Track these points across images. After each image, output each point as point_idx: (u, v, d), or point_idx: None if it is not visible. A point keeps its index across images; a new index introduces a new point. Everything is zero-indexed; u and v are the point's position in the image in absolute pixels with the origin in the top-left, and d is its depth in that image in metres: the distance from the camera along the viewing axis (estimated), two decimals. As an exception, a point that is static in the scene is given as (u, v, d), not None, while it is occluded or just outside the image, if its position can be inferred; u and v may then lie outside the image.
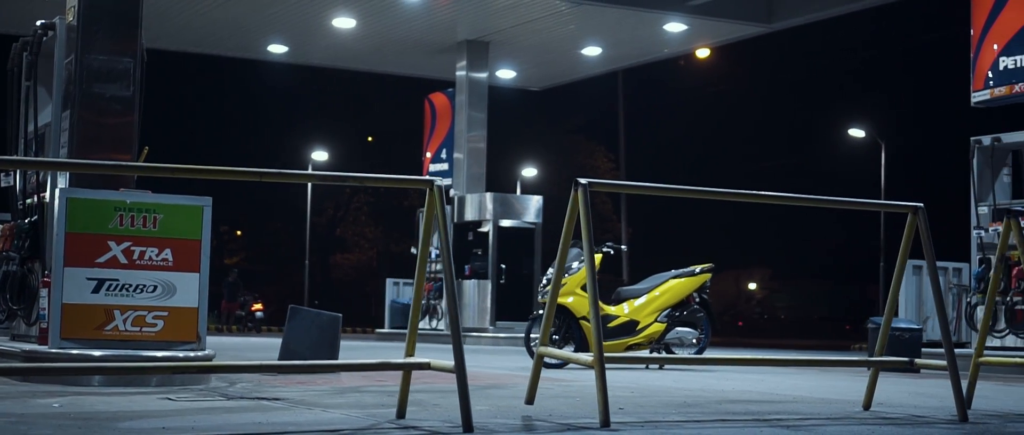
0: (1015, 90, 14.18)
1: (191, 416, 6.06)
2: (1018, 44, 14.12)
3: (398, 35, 23.61)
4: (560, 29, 22.93)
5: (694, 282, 12.07)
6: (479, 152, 23.95)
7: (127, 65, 9.16)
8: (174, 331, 8.37)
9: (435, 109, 25.19)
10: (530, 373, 6.68)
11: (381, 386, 8.34)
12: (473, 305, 22.58)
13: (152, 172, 5.55)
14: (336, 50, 24.99)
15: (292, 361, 7.86)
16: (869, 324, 13.49)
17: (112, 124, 9.08)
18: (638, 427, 5.79)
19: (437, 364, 5.85)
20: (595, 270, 6.01)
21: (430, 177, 5.84)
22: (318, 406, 6.66)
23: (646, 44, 24.05)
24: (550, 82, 27.91)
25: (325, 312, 10.23)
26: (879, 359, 7.10)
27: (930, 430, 5.94)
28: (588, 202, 6.05)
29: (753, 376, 10.73)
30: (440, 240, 5.77)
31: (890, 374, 11.90)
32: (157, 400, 7.08)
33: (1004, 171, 14.46)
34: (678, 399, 7.66)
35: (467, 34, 23.56)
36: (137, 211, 8.24)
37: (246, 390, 7.82)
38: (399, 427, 5.67)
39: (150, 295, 8.26)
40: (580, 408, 6.80)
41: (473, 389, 8.15)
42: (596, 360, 5.84)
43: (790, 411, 6.91)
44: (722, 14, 21.94)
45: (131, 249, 8.22)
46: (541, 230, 22.97)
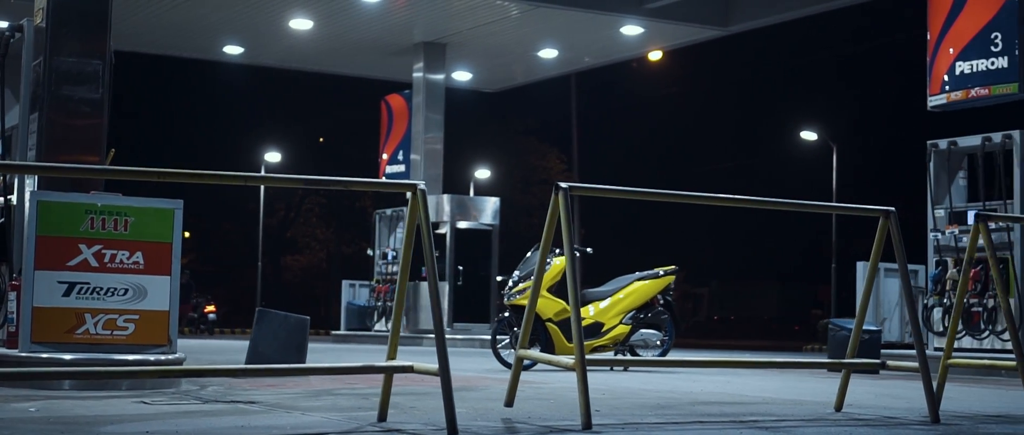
0: (971, 94, 14.37)
1: (171, 420, 6.06)
2: (974, 49, 14.31)
3: (355, 37, 23.58)
4: (517, 31, 22.98)
5: (658, 284, 12.15)
6: (436, 154, 23.96)
7: (96, 67, 9.12)
8: (145, 334, 8.33)
9: (392, 111, 25.17)
10: (509, 375, 6.72)
11: (353, 389, 8.35)
12: (429, 306, 22.57)
13: (135, 176, 5.54)
14: (293, 51, 24.91)
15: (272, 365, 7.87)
16: (829, 326, 13.62)
17: (81, 126, 9.03)
18: (619, 429, 5.84)
19: (420, 367, 5.87)
20: (576, 273, 6.05)
21: (414, 181, 5.86)
22: (295, 409, 6.67)
23: (602, 47, 24.15)
24: (506, 84, 27.96)
25: (293, 315, 10.21)
26: (851, 361, 7.19)
27: (905, 431, 6.03)
28: (569, 206, 6.09)
29: (719, 377, 10.82)
30: (424, 243, 5.80)
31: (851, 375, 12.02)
32: (132, 404, 7.06)
33: (960, 174, 14.65)
34: (651, 401, 7.72)
35: (424, 36, 23.56)
36: (108, 214, 8.20)
37: (219, 393, 7.81)
38: (383, 430, 5.69)
39: (121, 298, 8.22)
40: (557, 410, 6.85)
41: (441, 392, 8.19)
42: (578, 363, 5.89)
43: (763, 413, 6.99)
44: (679, 17, 22.04)
45: (102, 252, 8.18)
46: (498, 232, 23.01)
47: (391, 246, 23.98)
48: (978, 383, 11.30)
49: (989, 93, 14.18)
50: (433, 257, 5.82)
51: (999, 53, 14.06)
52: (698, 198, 6.65)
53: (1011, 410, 7.56)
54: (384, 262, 23.93)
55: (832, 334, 13.37)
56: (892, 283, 16.11)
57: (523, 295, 11.76)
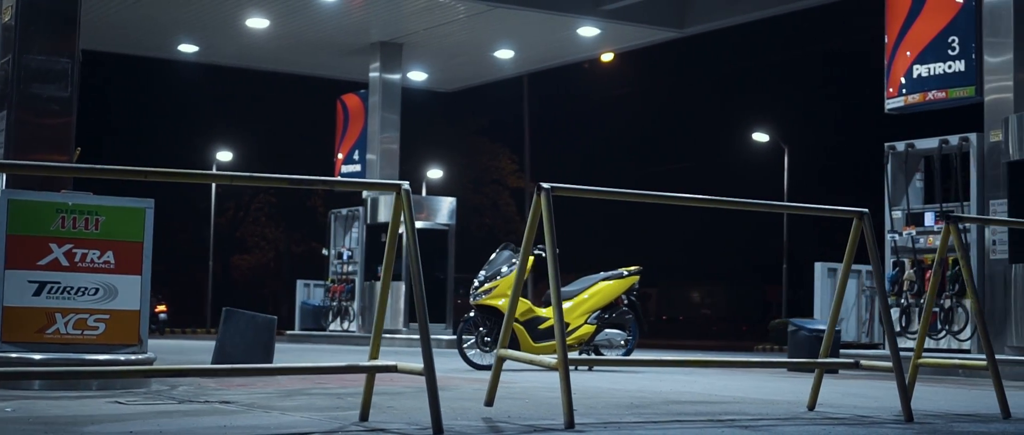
0: (928, 97, 14.54)
1: (151, 420, 6.04)
2: (932, 53, 14.49)
3: (312, 36, 23.52)
4: (473, 32, 23.00)
5: (623, 284, 12.22)
6: (392, 153, 23.94)
7: (65, 65, 9.07)
8: (116, 334, 8.29)
9: (348, 110, 25.10)
10: (479, 375, 6.74)
11: (325, 389, 8.35)
12: (387, 306, 22.55)
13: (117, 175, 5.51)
14: (249, 50, 24.81)
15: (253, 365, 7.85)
16: (788, 326, 13.74)
17: (50, 125, 8.98)
18: (600, 428, 5.89)
19: (404, 367, 5.89)
20: (558, 274, 6.09)
21: (398, 182, 5.88)
22: (273, 409, 6.66)
23: (558, 48, 24.22)
24: (461, 84, 27.97)
25: (260, 315, 10.20)
26: (824, 360, 7.28)
27: (882, 430, 6.11)
28: (551, 206, 6.13)
29: (684, 377, 10.89)
30: (407, 243, 5.82)
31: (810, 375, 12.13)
32: (107, 404, 7.03)
33: (917, 176, 14.82)
34: (624, 401, 7.77)
35: (381, 36, 23.54)
36: (79, 213, 8.16)
37: (191, 393, 7.79)
38: (367, 430, 5.71)
39: (92, 298, 8.18)
40: (535, 409, 6.89)
41: (417, 391, 8.22)
42: (560, 363, 5.93)
43: (738, 412, 7.06)
44: (635, 19, 22.14)
45: (73, 251, 8.14)
46: (454, 232, 23.02)
47: (346, 246, 23.92)
48: (939, 382, 11.44)
49: (946, 96, 14.36)
50: (418, 257, 5.84)
51: (956, 57, 14.24)
52: (673, 199, 6.70)
53: (980, 409, 7.68)
54: (339, 262, 23.86)
55: (792, 334, 13.48)
56: (849, 283, 16.24)
57: (489, 295, 11.79)
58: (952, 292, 13.76)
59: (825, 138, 45.53)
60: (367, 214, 23.08)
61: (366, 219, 23.12)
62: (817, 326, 13.45)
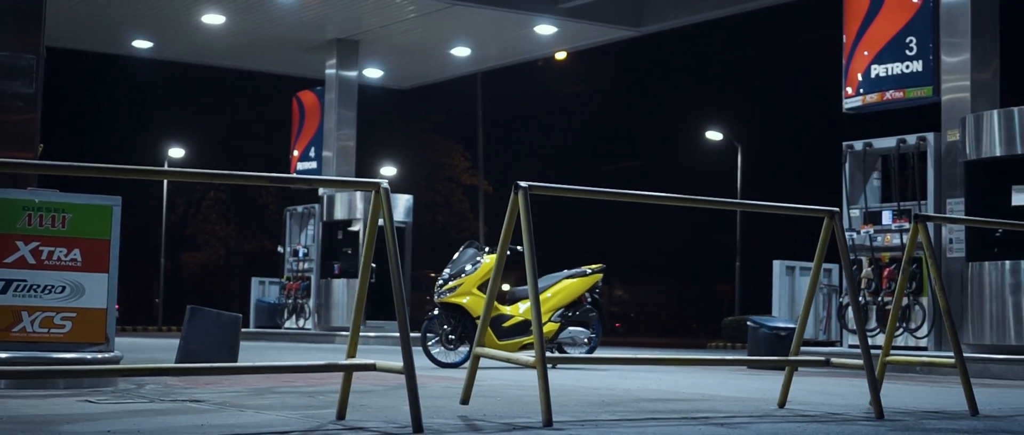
0: (886, 97, 14.68)
1: (126, 419, 6.00)
2: (889, 53, 14.62)
3: (268, 33, 23.41)
4: (431, 29, 22.98)
5: (586, 282, 12.26)
6: (348, 150, 23.88)
7: (29, 62, 8.99)
8: (83, 332, 8.23)
9: (304, 107, 25.00)
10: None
11: (294, 387, 8.32)
12: (342, 304, 22.51)
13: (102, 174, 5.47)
14: (204, 47, 24.67)
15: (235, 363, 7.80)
16: (749, 323, 13.83)
17: (14, 122, 8.90)
18: (578, 426, 5.91)
19: (383, 365, 5.89)
20: (536, 273, 6.11)
21: (378, 179, 5.87)
22: (246, 407, 6.64)
23: (516, 45, 24.24)
24: (417, 81, 27.95)
25: (226, 313, 10.15)
26: (796, 358, 7.34)
27: (854, 427, 6.16)
28: (528, 205, 6.14)
29: (646, 374, 10.93)
30: (387, 242, 5.81)
31: (769, 372, 12.22)
32: (77, 403, 6.99)
33: (874, 175, 14.95)
34: (594, 398, 7.80)
35: (337, 33, 23.47)
36: (46, 211, 8.10)
37: (159, 392, 7.75)
38: (346, 428, 5.70)
39: (59, 296, 8.12)
40: (510, 407, 6.90)
41: (388, 389, 8.22)
42: (538, 361, 5.94)
43: (709, 409, 7.10)
44: (592, 17, 22.21)
45: (40, 249, 8.07)
46: (411, 229, 22.99)
47: (302, 243, 23.84)
48: (899, 379, 11.55)
49: (904, 96, 14.51)
50: (397, 256, 5.84)
51: (914, 57, 14.38)
52: (648, 198, 6.74)
53: (947, 406, 7.77)
54: (295, 259, 23.77)
55: (753, 331, 13.58)
56: (807, 281, 16.35)
57: (454, 293, 11.79)
58: (909, 290, 13.89)
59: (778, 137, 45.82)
60: (323, 211, 23.01)
61: (322, 216, 23.04)
62: (778, 324, 13.55)
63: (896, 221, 14.28)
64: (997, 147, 13.11)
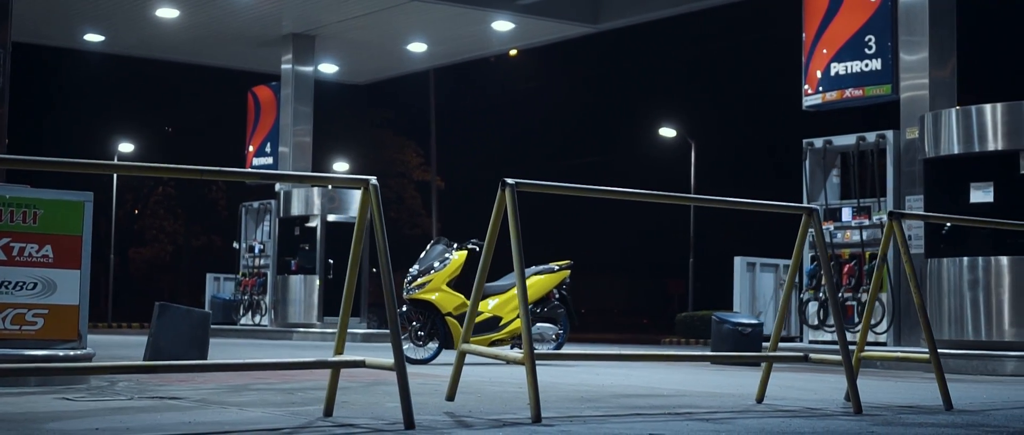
0: (846, 95, 14.81)
1: (110, 416, 5.96)
2: (849, 51, 14.76)
3: (223, 27, 23.27)
4: (387, 24, 22.92)
5: (554, 279, 12.29)
6: (305, 146, 23.80)
7: (-3, 55, 8.90)
8: (54, 329, 8.17)
9: (259, 103, 24.86)
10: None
11: (269, 384, 8.29)
12: (300, 300, 22.40)
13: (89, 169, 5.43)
14: (157, 41, 24.46)
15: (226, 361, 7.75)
16: (713, 319, 13.90)
17: (-18, 116, 8.82)
18: (566, 422, 5.93)
19: (372, 362, 5.89)
20: (524, 269, 6.12)
21: (366, 176, 5.85)
22: (228, 405, 6.61)
23: (472, 41, 24.23)
24: (373, 76, 27.89)
25: (195, 309, 10.10)
26: (774, 354, 7.39)
27: (836, 422, 6.22)
28: (516, 202, 6.15)
29: (614, 370, 10.95)
30: (377, 239, 5.80)
31: (734, 368, 12.30)
32: (54, 400, 6.93)
33: (833, 172, 15.08)
34: (572, 394, 7.83)
35: (293, 28, 23.37)
36: (17, 206, 8.02)
37: (134, 389, 7.70)
38: (336, 425, 5.69)
39: (30, 293, 8.05)
40: (494, 404, 6.91)
41: (365, 385, 8.21)
42: (527, 357, 5.96)
43: (689, 404, 7.15)
44: (549, 14, 22.24)
45: (10, 245, 8.00)
46: (369, 226, 22.88)
47: (258, 239, 23.72)
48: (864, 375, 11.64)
49: (863, 94, 14.65)
50: (387, 254, 5.83)
51: (872, 55, 14.52)
52: (632, 195, 6.76)
53: (920, 401, 7.85)
54: (251, 255, 23.65)
55: (717, 327, 13.65)
56: (767, 277, 16.53)
57: (423, 289, 11.79)
58: (867, 288, 14.03)
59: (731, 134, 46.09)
60: (280, 207, 22.91)
61: (279, 212, 22.93)
62: (741, 320, 13.64)
63: (856, 218, 14.40)
64: (955, 145, 13.25)
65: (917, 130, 13.76)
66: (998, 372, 12.23)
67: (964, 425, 6.25)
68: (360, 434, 5.36)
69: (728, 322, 13.56)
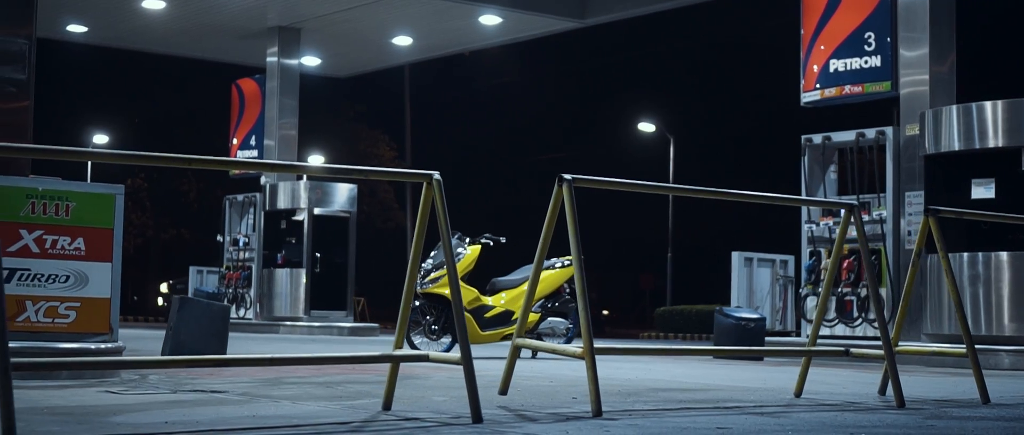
0: (845, 92, 14.92)
1: (171, 409, 5.95)
2: (848, 48, 14.86)
3: (208, 19, 23.14)
4: (373, 18, 22.85)
5: (565, 273, 12.34)
6: (290, 139, 23.73)
7: (22, 46, 8.85)
8: (86, 322, 8.15)
9: (244, 95, 24.76)
10: (504, 365, 6.78)
11: (299, 378, 8.28)
12: (286, 294, 22.35)
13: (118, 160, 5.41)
14: (141, 32, 24.30)
15: (302, 355, 7.73)
16: (715, 313, 13.98)
17: (8, 109, 8.76)
18: (626, 416, 5.97)
19: (436, 356, 5.91)
20: (583, 269, 6.15)
21: (429, 171, 5.85)
22: (278, 399, 6.62)
23: (458, 35, 24.21)
24: (356, 70, 27.82)
25: (215, 303, 10.09)
26: (814, 349, 7.45)
27: (886, 416, 6.29)
28: (573, 197, 6.18)
29: (630, 365, 11.01)
30: (442, 235, 5.81)
31: (739, 362, 12.38)
32: (98, 393, 6.92)
33: (831, 168, 15.19)
34: (611, 389, 7.85)
35: (279, 20, 23.28)
36: (49, 199, 7.99)
37: (170, 383, 7.69)
38: (404, 419, 5.70)
39: (62, 285, 8.02)
40: (542, 398, 6.95)
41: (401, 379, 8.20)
42: (586, 351, 5.99)
43: (728, 399, 7.20)
44: (536, 8, 22.24)
45: (43, 238, 7.97)
46: (355, 219, 22.89)
47: (242, 232, 23.65)
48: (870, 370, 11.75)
49: (862, 91, 14.75)
50: (451, 248, 5.84)
51: (872, 52, 14.63)
52: (684, 190, 6.80)
53: (952, 395, 7.94)
54: (235, 248, 23.57)
55: (719, 321, 13.73)
56: (764, 272, 16.63)
57: (437, 283, 11.80)
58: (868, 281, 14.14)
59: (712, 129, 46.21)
60: (265, 200, 22.85)
61: (264, 205, 22.87)
62: (744, 314, 13.73)
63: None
64: (956, 141, 13.38)
65: (917, 126, 13.87)
66: (998, 367, 12.36)
67: (1010, 418, 6.33)
68: (432, 428, 5.37)
69: (731, 316, 13.65)
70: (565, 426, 5.45)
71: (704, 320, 28.93)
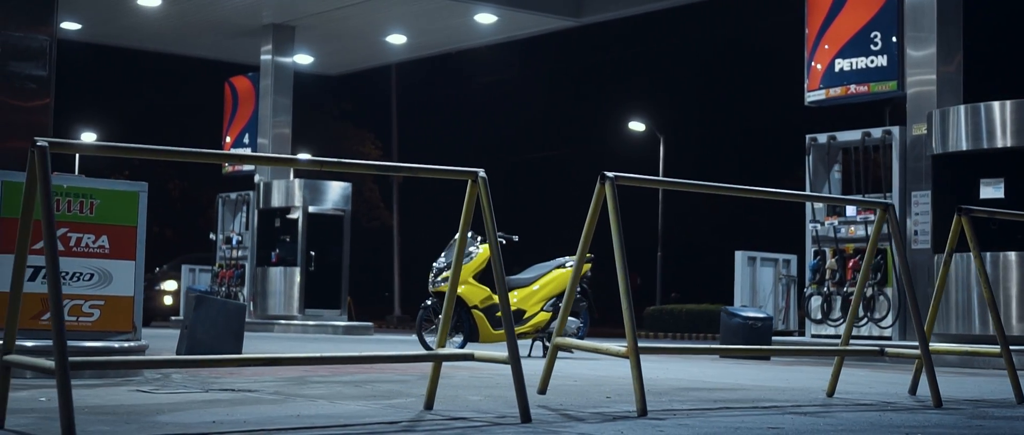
0: (850, 91, 14.92)
1: (211, 409, 5.89)
2: (854, 47, 14.86)
3: (204, 16, 22.99)
4: (368, 16, 22.75)
5: (577, 272, 12.28)
6: (284, 138, 23.60)
7: (43, 43, 8.79)
8: (110, 321, 8.10)
9: (237, 93, 24.63)
10: (544, 365, 6.74)
11: (324, 376, 8.23)
12: (280, 292, 22.25)
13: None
14: (135, 30, 24.14)
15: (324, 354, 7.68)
16: (722, 313, 13.97)
17: (29, 107, 8.70)
18: (670, 416, 5.94)
19: (482, 355, 5.87)
20: (626, 264, 6.11)
21: (474, 169, 5.81)
22: (314, 398, 6.56)
23: (454, 33, 24.12)
24: (349, 68, 27.72)
25: (231, 301, 10.04)
26: (847, 348, 7.43)
27: (927, 416, 6.27)
28: (616, 195, 6.14)
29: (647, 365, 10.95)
30: (488, 232, 5.77)
31: (746, 361, 12.35)
32: (130, 392, 6.86)
33: (835, 167, 15.19)
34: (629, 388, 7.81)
35: (274, 18, 23.15)
36: (74, 196, 7.93)
37: (195, 382, 7.63)
38: (450, 419, 5.66)
39: (86, 283, 7.97)
40: (577, 397, 6.91)
41: (417, 379, 8.15)
42: (631, 350, 5.96)
43: (760, 398, 7.17)
44: (532, 7, 22.17)
45: (68, 235, 7.92)
46: (350, 217, 22.80)
47: (235, 230, 23.55)
48: (880, 369, 11.75)
49: (868, 90, 14.75)
50: (497, 247, 5.80)
51: (878, 52, 14.63)
52: (728, 190, 6.78)
53: (984, 395, 7.93)
54: (228, 247, 23.46)
55: (726, 321, 13.72)
56: (767, 272, 16.61)
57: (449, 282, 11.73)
58: (874, 281, 14.15)
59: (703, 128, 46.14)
60: (259, 199, 22.74)
61: (258, 204, 22.76)
62: (751, 313, 13.72)
63: (861, 213, 14.51)
64: (964, 141, 13.38)
65: (925, 126, 13.88)
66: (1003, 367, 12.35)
67: (1050, 419, 6.33)
68: (483, 427, 5.33)
69: (739, 316, 13.64)
70: (616, 426, 5.42)
71: (694, 320, 28.93)
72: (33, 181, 4.87)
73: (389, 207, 45.68)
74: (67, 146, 4.95)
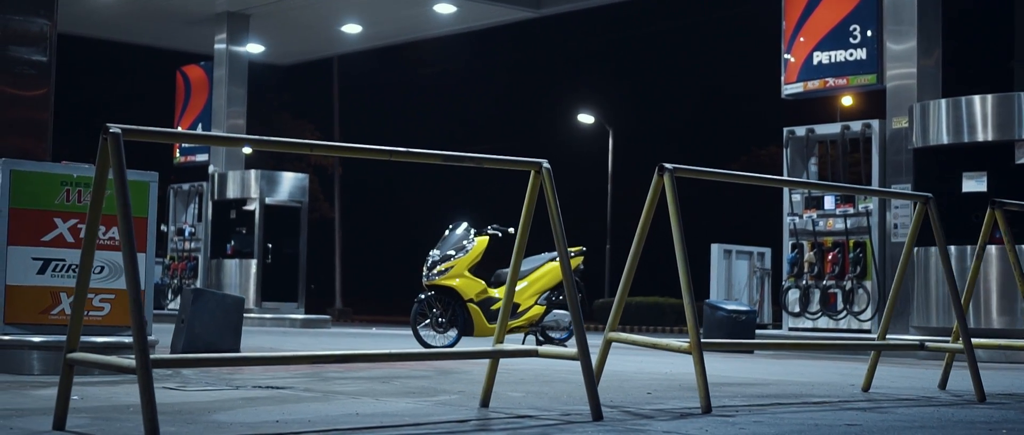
0: (829, 84, 14.92)
1: (258, 406, 5.68)
2: (832, 40, 14.85)
3: (156, 4, 22.56)
4: (324, 4, 22.44)
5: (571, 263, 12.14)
6: (239, 128, 23.22)
7: (43, 26, 8.49)
8: (121, 315, 7.85)
9: (189, 82, 24.21)
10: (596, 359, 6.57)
11: (344, 372, 8.02)
12: (236, 285, 21.88)
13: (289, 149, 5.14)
14: (86, 18, 23.60)
15: (392, 351, 7.46)
16: (706, 305, 13.90)
17: (27, 96, 8.38)
18: (732, 413, 5.82)
19: (546, 351, 5.70)
20: (686, 258, 5.97)
21: (538, 159, 5.63)
22: (357, 396, 6.37)
23: (411, 24, 23.86)
24: (301, 58, 27.35)
25: (229, 295, 9.77)
26: (884, 342, 7.36)
27: (971, 411, 6.20)
28: (675, 187, 5.99)
29: (652, 359, 10.87)
30: (552, 224, 5.60)
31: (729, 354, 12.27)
32: (160, 390, 6.59)
33: (812, 160, 15.18)
34: (669, 383, 7.71)
35: (228, 6, 22.75)
36: (85, 186, 7.67)
37: (213, 379, 7.39)
38: (514, 417, 5.49)
39: (97, 277, 7.70)
40: (625, 394, 6.77)
41: (438, 374, 7.98)
42: (693, 345, 5.83)
43: (808, 393, 7.07)
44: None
45: (78, 227, 7.65)
46: (307, 209, 22.50)
47: (187, 222, 23.15)
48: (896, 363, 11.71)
49: (847, 83, 14.76)
50: (564, 238, 5.64)
51: (858, 45, 14.64)
52: (774, 181, 6.66)
53: (1011, 388, 7.90)
54: (180, 238, 23.05)
55: (710, 314, 13.65)
56: (742, 265, 16.58)
57: (444, 275, 11.55)
58: (854, 274, 14.16)
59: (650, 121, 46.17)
60: (214, 190, 22.37)
61: (212, 195, 22.39)
62: (735, 307, 13.67)
63: (840, 206, 14.51)
64: (945, 135, 13.42)
65: (905, 120, 13.90)
66: (992, 360, 12.41)
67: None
68: (555, 426, 5.16)
69: (722, 309, 13.59)
70: (692, 423, 5.27)
71: (643, 313, 28.93)
72: (104, 170, 4.62)
73: (329, 199, 45.28)
74: (142, 133, 4.69)
